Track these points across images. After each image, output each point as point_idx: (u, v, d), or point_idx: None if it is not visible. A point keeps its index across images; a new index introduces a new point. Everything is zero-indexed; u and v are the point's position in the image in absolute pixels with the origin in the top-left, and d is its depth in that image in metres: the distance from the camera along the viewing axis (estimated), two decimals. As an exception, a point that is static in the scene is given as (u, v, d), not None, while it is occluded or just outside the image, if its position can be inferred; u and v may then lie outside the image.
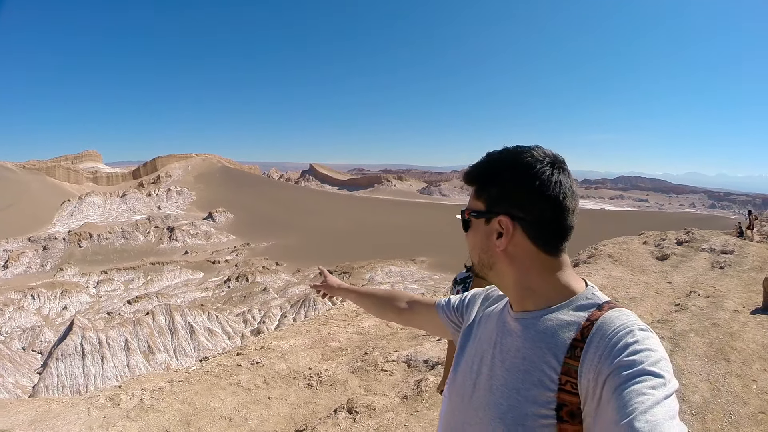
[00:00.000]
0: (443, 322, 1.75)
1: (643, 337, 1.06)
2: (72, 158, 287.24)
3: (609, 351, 1.06)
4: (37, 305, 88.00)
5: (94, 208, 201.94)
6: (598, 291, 1.27)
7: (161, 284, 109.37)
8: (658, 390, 0.95)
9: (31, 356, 65.37)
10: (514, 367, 1.23)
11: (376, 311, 2.09)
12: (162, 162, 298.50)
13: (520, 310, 1.30)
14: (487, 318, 1.48)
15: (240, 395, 7.23)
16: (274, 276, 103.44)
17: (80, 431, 6.23)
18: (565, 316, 1.21)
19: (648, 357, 1.01)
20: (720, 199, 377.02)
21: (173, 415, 6.64)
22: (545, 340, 1.20)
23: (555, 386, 1.13)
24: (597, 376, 1.06)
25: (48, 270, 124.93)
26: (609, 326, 1.11)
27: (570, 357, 1.13)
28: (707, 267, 13.25)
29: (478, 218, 1.31)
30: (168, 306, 69.46)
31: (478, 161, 1.34)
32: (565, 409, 1.11)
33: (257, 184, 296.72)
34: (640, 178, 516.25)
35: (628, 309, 1.19)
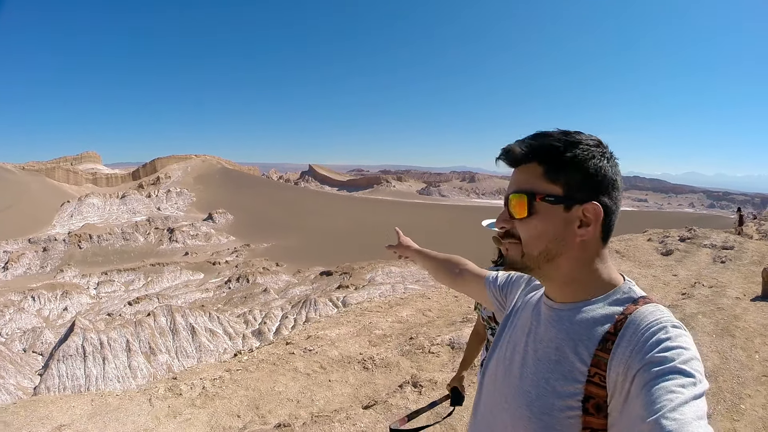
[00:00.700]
0: (489, 298, 1.77)
1: (676, 335, 1.03)
2: (71, 159, 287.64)
3: (641, 346, 1.04)
4: (38, 306, 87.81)
5: (93, 210, 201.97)
6: (635, 285, 1.23)
7: (162, 285, 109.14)
8: (688, 389, 0.93)
9: (32, 357, 65.21)
10: (546, 356, 1.21)
11: (434, 273, 2.14)
12: (161, 163, 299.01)
13: (560, 300, 1.25)
14: (524, 305, 1.44)
15: (301, 380, 7.53)
16: (275, 277, 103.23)
17: (147, 421, 6.34)
18: (602, 309, 1.18)
19: (680, 355, 0.99)
20: (719, 199, 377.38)
21: (240, 401, 6.88)
22: (579, 332, 1.17)
23: (584, 378, 1.11)
24: (627, 371, 1.03)
25: (48, 271, 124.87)
26: (642, 321, 1.09)
27: (601, 349, 1.11)
28: (709, 261, 14.20)
29: (555, 203, 1.18)
30: (169, 307, 69.31)
31: (541, 138, 1.21)
32: (592, 401, 1.09)
33: (257, 185, 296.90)
34: (639, 178, 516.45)
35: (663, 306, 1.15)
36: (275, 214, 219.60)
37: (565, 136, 1.19)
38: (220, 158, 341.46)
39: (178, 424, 6.32)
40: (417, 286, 79.38)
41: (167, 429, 6.21)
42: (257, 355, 8.90)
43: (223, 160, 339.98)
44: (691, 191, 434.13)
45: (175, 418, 6.38)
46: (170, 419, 6.37)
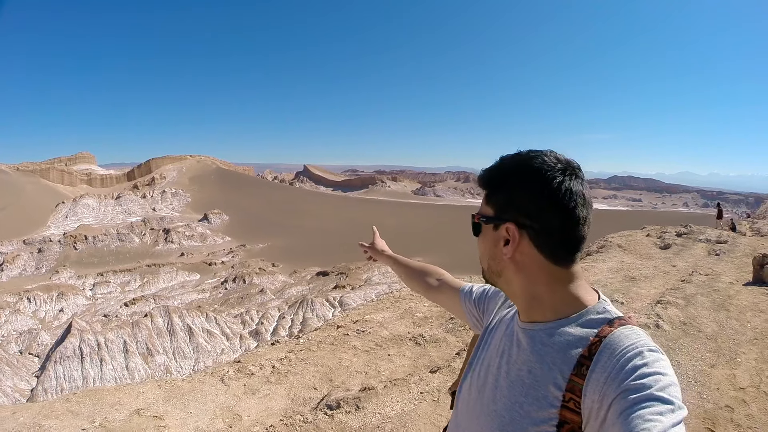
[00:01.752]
0: (463, 310, 1.76)
1: (652, 360, 1.01)
2: (66, 160, 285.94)
3: (617, 372, 1.01)
4: (34, 308, 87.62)
5: (88, 210, 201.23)
6: (610, 305, 1.21)
7: (158, 286, 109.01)
8: (666, 416, 0.91)
9: (29, 359, 65.06)
10: (519, 380, 1.19)
11: (409, 281, 2.11)
12: (156, 164, 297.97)
13: (528, 320, 1.25)
14: (499, 323, 1.44)
15: (362, 356, 8.06)
16: (271, 277, 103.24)
17: (227, 399, 6.60)
18: (574, 330, 1.15)
19: (657, 381, 0.96)
20: (713, 198, 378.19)
21: (312, 375, 7.28)
22: (552, 354, 1.15)
23: (558, 403, 1.09)
24: (602, 398, 1.01)
25: (43, 272, 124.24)
26: (618, 345, 1.06)
27: (576, 374, 1.08)
28: (705, 254, 15.21)
29: (486, 224, 1.26)
30: (166, 308, 69.31)
31: (491, 165, 1.28)
32: (566, 426, 1.07)
33: (252, 185, 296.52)
34: (633, 178, 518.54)
35: (639, 328, 1.13)
36: (271, 214, 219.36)
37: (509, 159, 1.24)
38: (215, 158, 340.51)
39: (258, 399, 6.61)
40: (413, 286, 79.15)
41: (249, 404, 6.46)
42: (313, 338, 9.34)
43: (218, 161, 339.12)
44: (685, 191, 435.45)
45: (254, 395, 6.67)
46: (249, 396, 6.66)
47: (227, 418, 6.07)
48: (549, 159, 1.18)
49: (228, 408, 6.32)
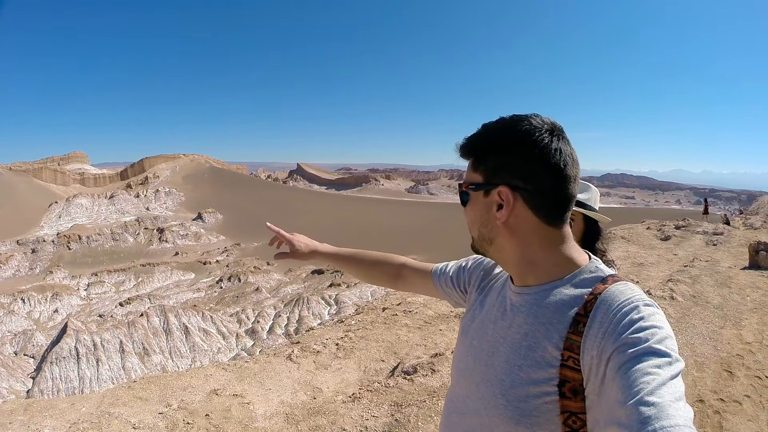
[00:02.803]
0: (440, 292, 1.71)
1: (648, 313, 1.01)
2: (59, 159, 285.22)
3: (613, 327, 1.01)
4: (28, 309, 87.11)
5: (82, 210, 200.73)
6: (602, 264, 1.22)
7: (153, 285, 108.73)
8: (664, 369, 0.90)
9: (24, 360, 64.75)
10: (516, 343, 1.18)
11: (365, 276, 1.99)
12: (149, 163, 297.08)
13: (522, 284, 1.24)
14: (489, 291, 1.43)
15: (416, 332, 8.29)
16: (266, 276, 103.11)
17: (301, 375, 6.70)
18: (568, 290, 1.15)
19: (654, 334, 0.96)
20: (706, 196, 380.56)
21: (377, 349, 7.49)
22: (548, 315, 1.15)
23: (557, 362, 1.08)
24: (601, 353, 1.00)
25: (37, 273, 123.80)
26: (613, 301, 1.06)
27: (573, 332, 1.08)
28: (703, 245, 16.74)
29: (476, 191, 1.24)
30: (162, 307, 69.15)
31: (475, 132, 1.26)
32: (568, 385, 1.06)
33: (246, 184, 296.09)
34: (626, 176, 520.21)
35: (633, 282, 1.14)
36: (265, 213, 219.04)
37: (493, 124, 1.23)
38: (209, 157, 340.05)
39: (332, 373, 6.74)
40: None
41: (324, 378, 6.58)
42: (365, 318, 9.65)
43: (211, 160, 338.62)
44: (678, 188, 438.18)
45: (326, 369, 6.80)
46: (322, 370, 6.77)
47: (308, 391, 6.19)
48: (536, 121, 1.18)
49: (305, 382, 6.44)
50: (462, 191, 1.29)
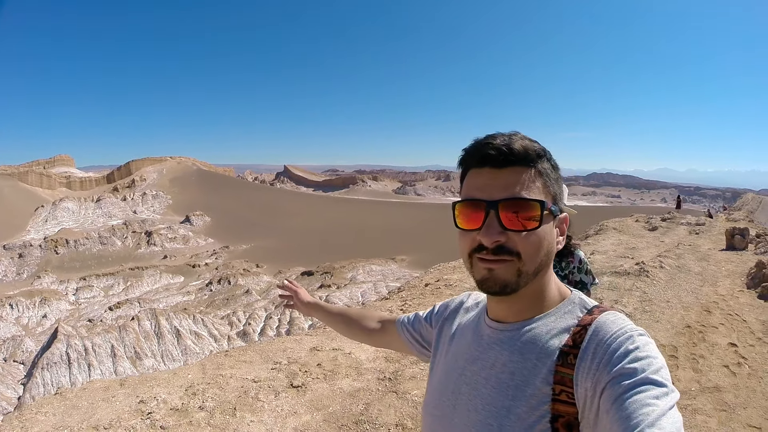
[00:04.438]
0: (404, 340, 1.63)
1: (643, 343, 0.98)
2: (44, 163, 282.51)
3: (608, 358, 0.97)
4: (16, 314, 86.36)
5: (68, 214, 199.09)
6: (584, 296, 1.18)
7: (142, 289, 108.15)
8: (662, 400, 0.87)
9: (14, 367, 64.34)
10: (502, 383, 1.11)
11: (346, 331, 1.91)
12: (136, 165, 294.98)
13: (514, 320, 1.16)
14: (463, 330, 1.35)
15: None
16: (256, 278, 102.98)
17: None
18: (555, 323, 1.11)
19: (650, 365, 0.93)
20: (690, 194, 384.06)
21: None
22: (534, 350, 1.09)
23: (548, 398, 1.03)
24: (596, 385, 0.97)
25: (25, 278, 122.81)
26: (606, 331, 1.03)
27: (562, 365, 1.04)
28: (686, 234, 18.82)
29: (554, 214, 1.12)
30: (153, 310, 68.94)
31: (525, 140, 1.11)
32: (561, 420, 1.01)
33: (233, 186, 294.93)
34: (612, 175, 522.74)
35: (620, 312, 1.11)
36: (253, 215, 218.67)
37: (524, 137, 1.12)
38: (196, 160, 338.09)
39: None
40: (398, 284, 80.00)
41: None
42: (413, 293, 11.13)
43: (198, 162, 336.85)
44: (663, 187, 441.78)
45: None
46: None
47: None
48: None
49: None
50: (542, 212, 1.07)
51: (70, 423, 5.39)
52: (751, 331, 7.62)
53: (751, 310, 8.71)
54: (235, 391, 5.91)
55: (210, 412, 5.46)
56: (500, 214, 1.05)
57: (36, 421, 5.47)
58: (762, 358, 6.61)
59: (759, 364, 6.40)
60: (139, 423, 5.29)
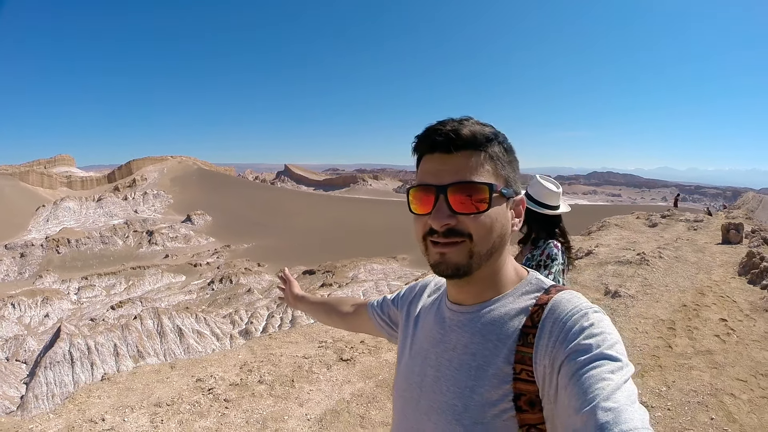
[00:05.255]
0: (374, 324, 1.68)
1: (597, 320, 1.00)
2: (45, 163, 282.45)
3: (564, 335, 1.00)
4: (18, 314, 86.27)
5: (69, 213, 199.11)
6: (541, 276, 1.20)
7: (143, 288, 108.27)
8: (617, 374, 0.90)
9: (16, 366, 64.30)
10: (464, 364, 1.14)
11: (325, 319, 1.97)
12: (137, 165, 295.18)
13: (472, 302, 1.19)
14: (426, 313, 1.37)
15: None
16: (258, 277, 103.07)
17: None
18: (513, 303, 1.13)
19: (605, 340, 0.95)
20: (691, 193, 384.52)
21: None
22: (494, 331, 1.12)
23: (510, 377, 1.06)
24: (553, 362, 0.99)
25: (27, 277, 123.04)
26: (561, 309, 1.05)
27: (522, 344, 1.06)
28: (685, 229, 19.56)
29: (505, 196, 1.12)
30: (156, 309, 68.96)
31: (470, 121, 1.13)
32: (523, 398, 1.04)
33: (234, 185, 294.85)
34: (612, 174, 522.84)
35: (575, 290, 1.13)
36: (254, 214, 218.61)
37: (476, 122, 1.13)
38: (196, 159, 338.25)
39: None
40: (399, 282, 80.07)
41: None
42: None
43: (199, 161, 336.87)
44: (664, 185, 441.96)
45: None
46: None
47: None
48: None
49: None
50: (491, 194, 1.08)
51: (130, 402, 5.79)
52: (740, 309, 8.62)
53: (741, 292, 9.75)
54: (289, 367, 6.61)
55: (270, 385, 6.11)
56: (449, 198, 1.07)
57: (91, 404, 5.81)
58: (748, 329, 7.56)
59: (746, 334, 7.34)
60: (201, 398, 5.83)
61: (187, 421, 5.39)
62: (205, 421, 5.40)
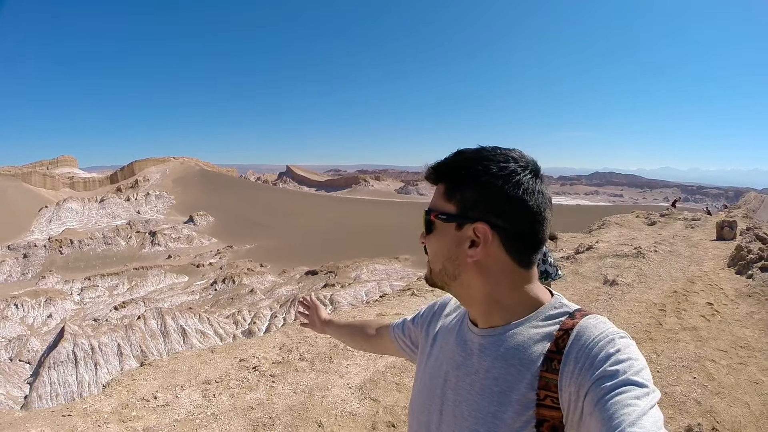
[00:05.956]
0: (396, 346, 1.71)
1: (624, 345, 1.00)
2: (47, 164, 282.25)
3: (591, 362, 1.00)
4: (22, 314, 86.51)
5: (72, 214, 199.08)
6: (565, 300, 1.20)
7: (146, 289, 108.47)
8: (643, 400, 0.90)
9: (20, 366, 64.55)
10: (486, 389, 1.13)
11: (350, 341, 2.01)
12: (139, 166, 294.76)
13: (487, 325, 1.20)
14: (446, 333, 1.37)
15: None
16: (260, 277, 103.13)
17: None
18: (536, 328, 1.13)
19: (631, 367, 0.95)
20: (693, 193, 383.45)
21: None
22: (517, 356, 1.11)
23: (533, 403, 1.05)
24: (579, 389, 0.99)
25: (30, 278, 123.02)
26: (588, 335, 1.05)
27: (546, 370, 1.06)
28: (683, 228, 20.01)
29: (447, 222, 1.16)
30: (159, 310, 69.18)
31: (450, 157, 1.19)
32: (546, 424, 1.04)
33: (236, 186, 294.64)
34: (614, 174, 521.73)
35: (602, 315, 1.12)
36: (256, 215, 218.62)
37: (473, 153, 1.16)
38: (198, 160, 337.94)
39: None
40: (401, 283, 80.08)
41: None
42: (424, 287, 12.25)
43: (201, 162, 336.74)
44: (666, 186, 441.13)
45: None
46: None
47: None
48: (519, 158, 1.14)
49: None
50: (428, 219, 1.21)
51: (178, 382, 6.28)
52: (725, 295, 9.39)
53: (728, 282, 10.45)
54: (325, 346, 7.20)
55: (310, 362, 6.75)
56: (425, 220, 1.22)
57: (139, 385, 6.20)
58: (732, 312, 8.35)
59: (729, 315, 8.16)
60: (248, 374, 6.44)
61: (238, 394, 5.98)
62: (255, 393, 6.00)
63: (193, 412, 5.61)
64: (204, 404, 5.76)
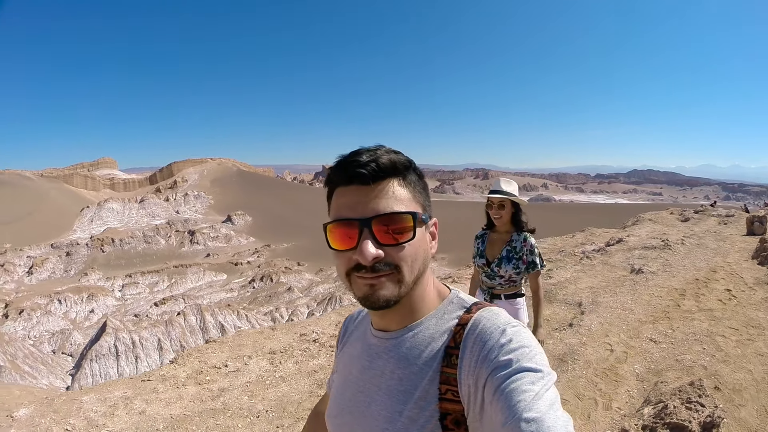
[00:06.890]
0: None
1: (514, 333, 1.01)
2: (88, 165, 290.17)
3: (485, 354, 1.00)
4: (64, 309, 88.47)
5: (113, 214, 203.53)
6: (462, 293, 1.19)
7: (186, 286, 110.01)
8: (537, 384, 0.91)
9: (62, 358, 65.80)
10: (393, 389, 1.12)
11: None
12: (178, 167, 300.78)
13: (397, 327, 1.16)
14: (353, 342, 1.34)
15: None
16: (298, 276, 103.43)
17: None
18: (436, 325, 1.12)
19: (523, 354, 0.96)
20: (734, 191, 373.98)
21: None
22: (419, 354, 1.10)
23: (436, 398, 1.05)
24: (476, 381, 0.99)
25: (72, 275, 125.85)
26: (481, 328, 1.05)
27: (446, 365, 1.05)
28: (716, 224, 20.23)
29: (426, 221, 1.11)
30: (199, 306, 69.58)
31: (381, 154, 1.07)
32: (449, 417, 1.03)
33: (273, 186, 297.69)
34: (653, 172, 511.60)
35: (497, 307, 1.13)
36: (293, 214, 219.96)
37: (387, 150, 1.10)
38: (236, 161, 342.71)
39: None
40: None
41: None
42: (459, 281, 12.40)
43: (238, 163, 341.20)
44: (706, 183, 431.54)
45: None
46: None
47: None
48: None
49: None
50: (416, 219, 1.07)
51: (245, 353, 7.19)
52: (745, 283, 9.73)
53: (750, 271, 10.77)
54: None
55: None
56: (374, 230, 1.04)
57: (209, 357, 7.10)
58: (748, 297, 8.67)
59: (745, 300, 8.50)
60: (309, 346, 7.36)
61: (302, 361, 6.85)
62: (317, 360, 6.85)
63: (262, 375, 6.50)
64: (271, 370, 6.63)
